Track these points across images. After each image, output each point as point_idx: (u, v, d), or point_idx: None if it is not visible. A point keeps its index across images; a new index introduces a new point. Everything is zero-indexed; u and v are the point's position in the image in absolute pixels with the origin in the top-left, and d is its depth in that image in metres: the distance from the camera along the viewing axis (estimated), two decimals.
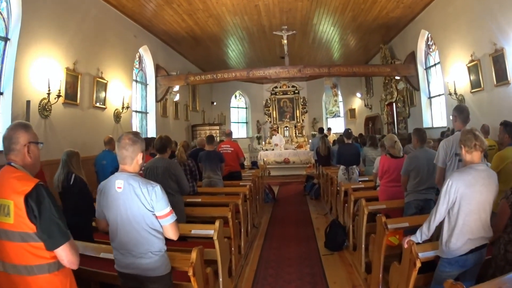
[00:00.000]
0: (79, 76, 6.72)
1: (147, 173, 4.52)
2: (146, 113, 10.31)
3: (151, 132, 10.22)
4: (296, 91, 17.94)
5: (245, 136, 18.32)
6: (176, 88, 10.65)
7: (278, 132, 15.74)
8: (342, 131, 7.36)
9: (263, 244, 6.07)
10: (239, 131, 18.30)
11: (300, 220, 7.70)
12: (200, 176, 6.95)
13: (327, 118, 18.24)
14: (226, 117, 17.20)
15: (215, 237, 3.62)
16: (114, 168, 6.28)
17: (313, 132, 17.90)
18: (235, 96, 18.29)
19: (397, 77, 10.88)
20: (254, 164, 10.84)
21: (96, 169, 6.36)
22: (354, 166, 6.93)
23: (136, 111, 9.77)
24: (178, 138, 10.34)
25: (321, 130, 11.06)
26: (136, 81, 9.91)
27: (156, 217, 2.49)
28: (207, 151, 6.91)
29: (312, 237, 6.38)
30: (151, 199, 2.46)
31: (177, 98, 10.95)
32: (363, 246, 4.61)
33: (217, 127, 13.06)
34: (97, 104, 7.41)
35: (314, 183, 10.25)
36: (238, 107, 18.45)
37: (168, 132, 10.92)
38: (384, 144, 6.02)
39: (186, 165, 6.03)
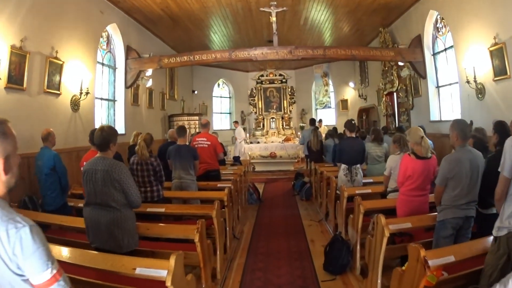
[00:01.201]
0: (28, 55, 5.32)
1: (85, 180, 3.22)
2: (114, 101, 8.89)
3: (120, 123, 8.83)
4: (284, 80, 16.91)
5: (229, 128, 16.99)
6: (149, 72, 9.24)
7: (239, 124, 14.36)
8: (345, 122, 6.10)
9: (245, 264, 4.81)
10: (222, 122, 16.94)
11: (290, 228, 6.49)
12: (170, 177, 5.68)
13: (316, 109, 17.05)
14: (208, 107, 15.80)
15: (168, 283, 2.35)
16: (49, 169, 5.00)
17: (301, 124, 16.78)
18: (218, 85, 16.87)
19: (400, 63, 9.72)
20: (237, 160, 9.53)
21: (35, 172, 5.02)
22: (358, 166, 5.73)
23: (101, 99, 8.34)
24: (152, 130, 9.05)
25: (312, 121, 9.84)
26: (103, 64, 8.47)
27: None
28: (177, 146, 5.64)
29: (306, 253, 5.16)
30: (13, 253, 1.21)
31: (149, 83, 9.54)
32: (379, 277, 3.42)
33: (197, 118, 11.70)
34: (50, 89, 6.00)
35: (305, 182, 9.06)
36: (221, 97, 17.05)
37: (140, 122, 9.58)
38: (400, 139, 4.85)
39: (148, 164, 4.75)
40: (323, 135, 10.14)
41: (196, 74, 15.38)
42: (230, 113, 17.33)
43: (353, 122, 5.78)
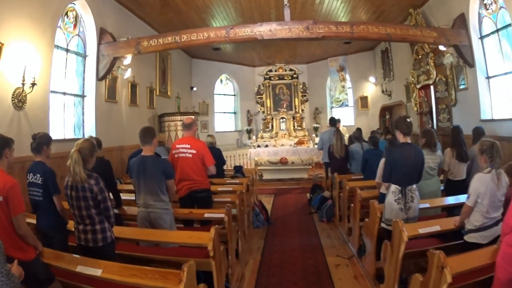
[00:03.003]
0: None
1: None
2: (82, 96, 7.11)
3: (90, 123, 7.05)
4: (295, 76, 15.19)
5: (233, 129, 15.15)
6: (127, 60, 7.46)
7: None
8: (395, 121, 4.18)
9: None
10: (225, 123, 15.08)
11: (310, 269, 4.60)
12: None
13: (332, 108, 15.10)
14: (209, 106, 13.96)
15: None
16: None
17: (315, 125, 14.88)
18: (221, 81, 15.01)
19: (442, 48, 7.77)
20: (238, 171, 7.63)
21: None
22: (414, 187, 3.80)
23: (64, 93, 6.56)
24: (136, 132, 7.31)
25: (333, 121, 7.94)
26: (68, 50, 6.70)
27: None
28: (140, 158, 3.81)
29: None
30: None
31: (127, 74, 7.71)
32: None
33: (193, 117, 9.84)
34: None
35: (325, 197, 7.16)
36: (224, 94, 15.18)
37: (118, 123, 7.81)
38: (492, 148, 3.01)
39: (86, 190, 2.94)
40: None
41: (196, 69, 13.56)
42: (234, 113, 15.46)
43: (408, 120, 3.83)
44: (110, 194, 3.87)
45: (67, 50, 6.66)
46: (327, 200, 6.96)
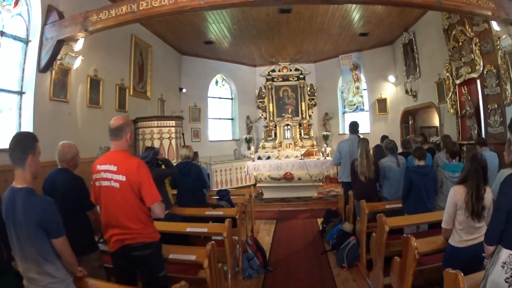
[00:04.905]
0: None
1: None
2: (19, 93, 5.25)
3: (27, 127, 5.18)
4: (301, 76, 13.50)
5: (230, 138, 13.20)
6: (78, 46, 5.63)
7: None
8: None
9: None
10: (221, 131, 13.14)
11: None
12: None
13: (344, 113, 13.13)
14: (202, 111, 12.02)
15: None
16: None
17: (324, 133, 12.91)
18: (216, 82, 13.10)
19: (496, 27, 5.84)
20: (223, 197, 5.50)
21: None
22: None
23: None
24: (98, 140, 5.64)
25: (354, 126, 5.89)
26: (3, 33, 4.90)
27: None
28: (9, 191, 1.92)
29: None
30: None
31: (77, 64, 5.84)
32: None
33: (173, 123, 7.86)
34: None
35: (345, 232, 5.14)
36: (220, 98, 13.25)
37: (70, 129, 5.97)
38: None
39: None
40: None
41: (186, 67, 11.69)
42: (232, 119, 13.52)
43: None
44: None
45: (1, 33, 4.88)
46: (348, 236, 4.94)
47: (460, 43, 7.33)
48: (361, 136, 5.50)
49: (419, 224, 4.23)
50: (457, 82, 7.58)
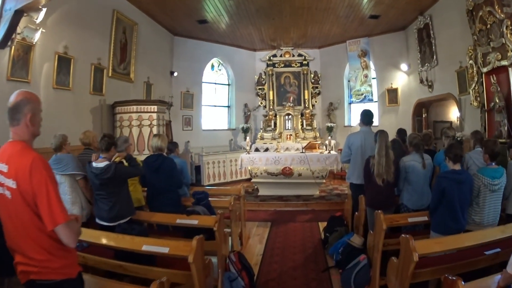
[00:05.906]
0: None
1: None
2: None
3: None
4: (305, 63, 12.53)
5: (226, 128, 12.25)
6: (40, 16, 4.71)
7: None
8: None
9: None
10: (216, 120, 12.19)
11: None
12: None
13: (351, 103, 12.16)
14: (195, 97, 11.04)
15: None
16: None
17: (328, 124, 11.95)
18: (212, 66, 12.07)
19: None
20: (199, 201, 4.49)
21: None
22: None
23: None
24: (69, 127, 5.06)
25: (368, 116, 4.89)
26: None
27: None
28: None
29: None
30: None
31: (37, 37, 4.91)
32: None
33: (155, 108, 6.83)
34: None
35: (353, 246, 4.23)
36: (215, 83, 12.25)
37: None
38: None
39: None
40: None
41: (179, 49, 10.67)
42: (228, 107, 12.54)
43: None
44: None
45: None
46: (357, 253, 4.02)
47: (488, 26, 6.30)
48: (374, 130, 4.56)
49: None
50: (484, 70, 6.57)
